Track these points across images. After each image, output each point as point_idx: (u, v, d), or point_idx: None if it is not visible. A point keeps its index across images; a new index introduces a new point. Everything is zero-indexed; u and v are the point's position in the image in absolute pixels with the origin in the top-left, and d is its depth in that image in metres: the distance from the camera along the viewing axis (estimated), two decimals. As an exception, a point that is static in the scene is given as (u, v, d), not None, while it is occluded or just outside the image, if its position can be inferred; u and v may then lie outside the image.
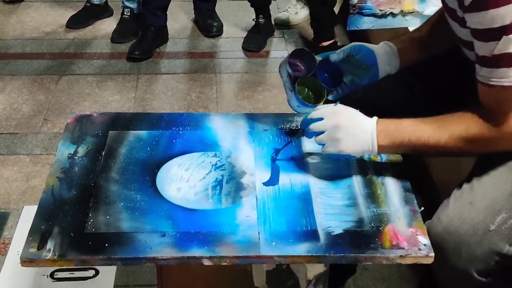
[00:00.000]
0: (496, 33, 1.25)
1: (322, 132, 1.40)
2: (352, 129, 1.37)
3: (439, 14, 1.61)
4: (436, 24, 1.64)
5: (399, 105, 1.61)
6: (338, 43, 3.17)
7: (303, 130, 1.47)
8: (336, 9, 3.41)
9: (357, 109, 1.42)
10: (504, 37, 1.23)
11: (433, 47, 1.63)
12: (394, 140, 1.38)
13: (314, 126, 1.41)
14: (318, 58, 1.57)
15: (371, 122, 1.39)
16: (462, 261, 1.34)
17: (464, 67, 1.49)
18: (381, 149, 1.39)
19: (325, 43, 3.19)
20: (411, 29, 2.58)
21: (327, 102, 1.55)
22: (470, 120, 1.35)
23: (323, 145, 1.41)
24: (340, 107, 1.41)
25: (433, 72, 1.65)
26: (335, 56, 1.57)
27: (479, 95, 1.35)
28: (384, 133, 1.38)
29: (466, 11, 1.29)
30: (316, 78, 1.55)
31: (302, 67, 1.57)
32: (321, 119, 1.40)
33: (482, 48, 1.29)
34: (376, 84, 1.61)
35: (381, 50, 1.60)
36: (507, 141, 1.34)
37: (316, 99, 1.55)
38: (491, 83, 1.30)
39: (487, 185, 1.38)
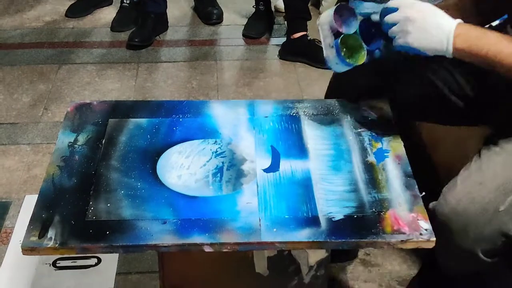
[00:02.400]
0: None
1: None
2: (424, 23, 1.33)
3: None
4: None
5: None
6: (309, 37, 3.15)
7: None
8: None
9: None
10: None
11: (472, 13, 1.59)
12: (471, 46, 1.33)
13: (388, 18, 1.38)
14: (360, 17, 1.54)
15: (451, 23, 1.34)
16: (469, 241, 1.34)
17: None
18: (457, 52, 1.34)
19: (296, 35, 3.17)
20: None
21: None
22: None
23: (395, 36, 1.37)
24: (416, 2, 1.36)
25: (428, 65, 1.62)
26: (376, 16, 1.54)
27: None
28: (464, 37, 1.33)
29: None
30: (357, 37, 1.51)
31: (343, 24, 1.53)
32: (396, 9, 1.37)
33: None
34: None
35: None
36: None
37: (355, 58, 1.51)
38: None
39: (496, 165, 1.37)
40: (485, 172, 1.37)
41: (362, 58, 1.50)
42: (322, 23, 1.53)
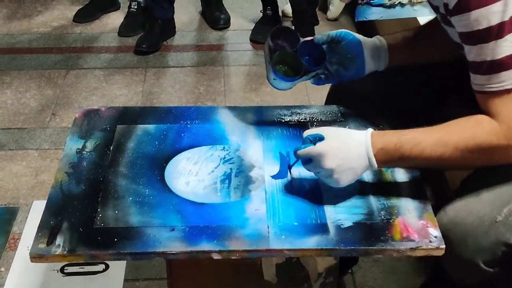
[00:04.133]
0: (483, 35, 1.23)
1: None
2: (345, 165, 1.30)
3: (435, 18, 1.59)
4: (431, 28, 1.62)
5: (388, 99, 1.60)
6: None
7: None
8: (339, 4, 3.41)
9: (347, 126, 1.38)
10: (497, 41, 1.22)
11: (425, 51, 1.60)
12: (394, 158, 1.30)
13: (308, 169, 1.34)
14: (302, 39, 1.56)
15: (365, 143, 1.30)
16: (468, 251, 1.33)
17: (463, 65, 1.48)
18: (381, 166, 1.34)
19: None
20: (420, 19, 2.57)
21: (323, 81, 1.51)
22: (475, 128, 1.28)
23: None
24: (324, 147, 1.30)
25: (428, 72, 1.62)
26: (319, 37, 1.56)
27: (479, 103, 1.31)
28: (383, 152, 1.30)
29: (452, 14, 1.28)
30: (296, 55, 1.54)
31: (286, 45, 1.56)
32: (309, 158, 1.32)
33: (471, 52, 1.27)
34: (367, 77, 1.58)
35: (369, 42, 1.57)
36: None
37: (294, 75, 1.54)
38: (491, 89, 1.27)
39: (493, 177, 1.36)
40: (481, 184, 1.36)
41: (299, 74, 1.52)
42: (265, 44, 1.57)
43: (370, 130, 1.34)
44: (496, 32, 1.22)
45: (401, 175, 1.43)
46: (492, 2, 1.21)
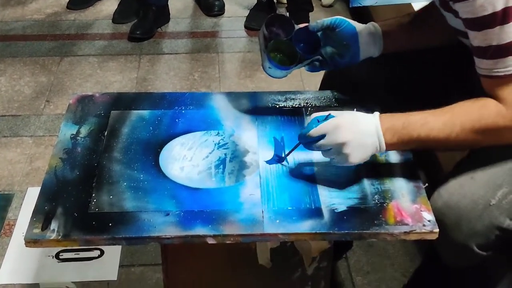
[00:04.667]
0: (488, 21, 1.23)
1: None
2: (357, 140, 1.30)
3: (431, 3, 1.59)
4: (427, 12, 1.62)
5: (386, 86, 1.60)
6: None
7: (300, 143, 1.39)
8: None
9: (354, 109, 1.37)
10: (503, 26, 1.22)
11: (421, 36, 1.60)
12: (402, 138, 1.32)
13: (320, 145, 1.32)
14: (297, 26, 1.56)
15: (374, 123, 1.32)
16: (462, 235, 1.34)
17: (460, 52, 1.47)
18: (390, 147, 1.34)
19: (299, 26, 3.16)
20: (414, 5, 2.57)
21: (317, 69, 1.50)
22: (482, 110, 1.30)
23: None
24: (338, 120, 1.32)
25: (425, 58, 1.62)
26: (314, 25, 1.56)
27: (484, 87, 1.32)
28: (392, 131, 1.32)
29: (456, 1, 1.28)
30: (291, 43, 1.54)
31: (280, 32, 1.56)
32: (323, 136, 1.32)
33: (476, 38, 1.28)
34: (361, 63, 1.59)
35: (364, 29, 1.57)
36: None
37: (289, 63, 1.53)
38: (498, 73, 1.27)
39: (487, 160, 1.37)
40: (476, 167, 1.37)
41: (295, 62, 1.52)
42: (259, 32, 1.56)
43: (377, 112, 1.35)
44: (501, 17, 1.23)
45: (394, 159, 1.43)
46: None
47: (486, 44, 1.26)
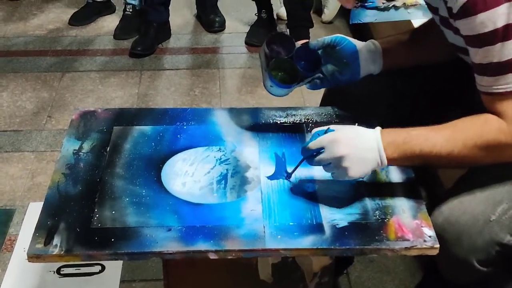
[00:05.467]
0: (489, 38, 1.24)
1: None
2: (357, 154, 1.30)
3: (430, 20, 1.60)
4: (427, 29, 1.64)
5: (387, 104, 1.61)
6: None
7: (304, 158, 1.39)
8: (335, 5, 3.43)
9: (355, 123, 1.37)
10: (504, 43, 1.23)
11: (421, 53, 1.62)
12: (404, 153, 1.31)
13: (319, 160, 1.33)
14: (297, 44, 1.57)
15: (375, 137, 1.32)
16: (463, 251, 1.34)
17: (461, 67, 1.48)
18: (391, 162, 1.33)
19: (299, 43, 3.18)
20: (413, 22, 2.59)
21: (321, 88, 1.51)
22: (484, 126, 1.29)
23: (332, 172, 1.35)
24: (336, 134, 1.32)
25: (425, 73, 1.63)
26: (314, 43, 1.57)
27: (485, 103, 1.32)
28: (393, 146, 1.31)
29: (456, 18, 1.29)
30: (292, 62, 1.55)
31: (281, 50, 1.57)
32: (322, 149, 1.32)
33: (477, 55, 1.28)
34: (362, 79, 1.60)
35: (364, 46, 1.58)
36: None
37: (291, 81, 1.55)
38: (498, 90, 1.28)
39: (487, 176, 1.38)
40: (476, 183, 1.37)
41: (295, 80, 1.53)
42: (260, 50, 1.57)
43: (379, 127, 1.35)
44: (502, 34, 1.23)
45: (395, 175, 1.44)
46: (497, 5, 1.22)
47: (487, 61, 1.27)
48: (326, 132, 1.33)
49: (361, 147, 1.31)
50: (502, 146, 1.30)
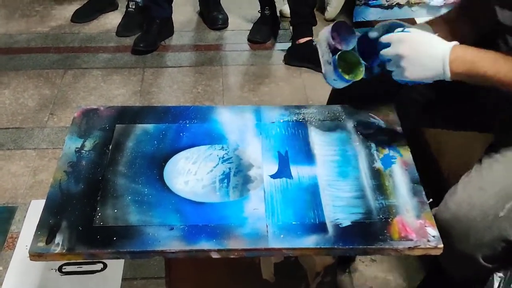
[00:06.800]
0: None
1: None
2: (417, 58, 1.34)
3: (450, 12, 1.59)
4: (450, 17, 1.62)
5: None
6: (314, 43, 3.15)
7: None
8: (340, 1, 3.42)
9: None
10: None
11: (463, 31, 1.59)
12: (469, 70, 1.34)
13: (382, 54, 1.39)
14: (358, 33, 1.55)
15: (445, 49, 1.34)
16: (469, 246, 1.34)
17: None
18: (455, 76, 1.35)
19: (301, 40, 3.18)
20: (417, 19, 2.58)
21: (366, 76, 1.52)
22: None
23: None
24: (407, 35, 1.37)
25: None
26: (374, 33, 1.54)
27: None
28: (460, 61, 1.33)
29: None
30: (354, 53, 1.52)
31: (340, 40, 1.54)
32: (389, 44, 1.38)
33: None
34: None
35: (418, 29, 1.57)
36: None
37: (353, 74, 1.52)
38: None
39: (497, 171, 1.37)
40: (485, 179, 1.37)
41: (360, 74, 1.51)
42: (320, 40, 1.54)
43: (456, 42, 1.36)
44: None
45: (399, 175, 1.43)
46: None
47: None
48: (403, 30, 1.39)
49: (424, 53, 1.34)
50: None
